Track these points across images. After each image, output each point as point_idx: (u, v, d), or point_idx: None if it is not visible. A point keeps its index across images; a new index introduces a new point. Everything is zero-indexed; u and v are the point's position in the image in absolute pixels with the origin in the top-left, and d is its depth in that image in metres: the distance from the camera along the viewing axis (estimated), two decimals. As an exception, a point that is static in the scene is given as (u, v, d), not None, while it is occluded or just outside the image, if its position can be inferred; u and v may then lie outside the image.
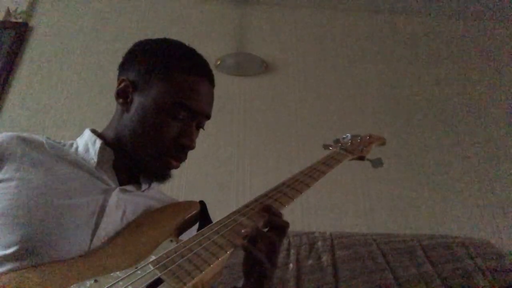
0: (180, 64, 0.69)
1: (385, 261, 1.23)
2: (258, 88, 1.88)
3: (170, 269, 0.50)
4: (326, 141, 0.96)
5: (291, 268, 1.20)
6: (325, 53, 2.02)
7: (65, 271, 0.49)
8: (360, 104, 1.88)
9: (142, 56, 0.71)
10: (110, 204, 0.61)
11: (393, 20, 2.15)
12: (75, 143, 0.71)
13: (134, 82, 0.69)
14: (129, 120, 0.69)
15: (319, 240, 1.31)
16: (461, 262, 1.22)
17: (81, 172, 0.64)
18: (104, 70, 1.83)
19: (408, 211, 1.62)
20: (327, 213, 1.59)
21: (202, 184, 1.61)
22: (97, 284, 0.47)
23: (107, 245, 0.56)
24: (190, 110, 0.68)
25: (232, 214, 0.62)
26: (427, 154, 1.78)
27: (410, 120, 1.86)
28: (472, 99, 1.94)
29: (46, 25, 1.93)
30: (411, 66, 2.02)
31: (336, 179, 1.65)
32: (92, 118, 1.70)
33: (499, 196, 1.67)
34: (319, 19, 2.12)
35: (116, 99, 0.71)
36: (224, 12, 2.07)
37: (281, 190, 0.68)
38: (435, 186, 1.69)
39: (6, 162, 0.59)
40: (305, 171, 0.75)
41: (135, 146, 0.67)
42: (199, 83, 0.70)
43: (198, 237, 0.56)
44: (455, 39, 2.12)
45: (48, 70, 1.82)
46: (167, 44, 0.74)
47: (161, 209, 0.66)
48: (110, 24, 1.97)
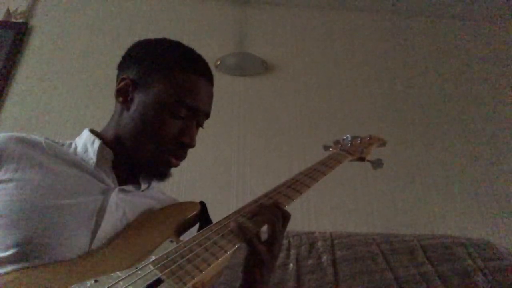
0: (180, 63, 0.70)
1: (385, 261, 1.23)
2: (258, 88, 1.88)
3: (170, 269, 0.50)
4: (326, 142, 0.96)
5: (291, 268, 1.20)
6: (325, 53, 2.02)
7: (65, 271, 0.49)
8: (360, 104, 1.88)
9: (143, 55, 0.71)
10: (110, 204, 0.61)
11: (393, 20, 2.15)
12: (74, 143, 0.71)
13: (134, 80, 0.70)
14: (129, 118, 0.69)
15: (319, 240, 1.30)
16: (461, 262, 1.22)
17: (80, 173, 0.64)
18: (104, 70, 1.83)
19: (408, 211, 1.62)
20: (327, 213, 1.59)
21: (202, 184, 1.61)
22: (97, 284, 0.47)
23: (107, 246, 0.56)
24: (190, 109, 0.69)
25: (232, 215, 0.62)
26: (427, 154, 1.77)
27: (410, 120, 1.86)
28: (473, 100, 1.94)
29: (46, 25, 1.93)
30: (412, 66, 2.02)
31: (336, 179, 1.65)
32: (92, 118, 1.70)
33: (499, 196, 1.67)
34: (319, 19, 2.12)
35: (116, 97, 0.72)
36: (224, 12, 2.07)
37: (281, 190, 0.68)
38: (435, 186, 1.69)
39: (4, 163, 0.59)
40: (305, 171, 0.75)
41: (135, 144, 0.68)
42: (199, 81, 0.70)
43: (198, 237, 0.56)
44: (455, 39, 2.12)
45: (48, 70, 1.82)
46: (167, 43, 0.74)
47: (161, 210, 0.67)
48: (110, 24, 1.97)
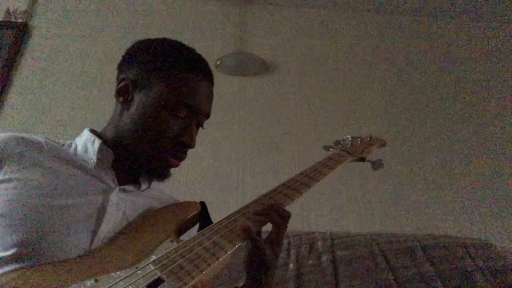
0: (181, 63, 0.70)
1: (385, 261, 1.23)
2: (258, 88, 1.88)
3: (171, 269, 0.50)
4: (327, 142, 0.96)
5: (291, 268, 1.20)
6: (325, 53, 2.02)
7: (65, 271, 0.49)
8: (360, 104, 1.88)
9: (143, 55, 0.71)
10: (110, 204, 0.61)
11: (393, 20, 2.15)
12: (74, 143, 0.71)
13: (134, 81, 0.70)
14: (129, 118, 0.69)
15: (319, 240, 1.30)
16: (461, 262, 1.22)
17: (80, 172, 0.64)
18: (103, 70, 1.83)
19: (408, 211, 1.62)
20: (327, 213, 1.58)
21: (202, 184, 1.61)
22: (97, 284, 0.47)
23: (107, 245, 0.56)
24: (191, 109, 0.69)
25: (232, 215, 0.62)
26: (427, 154, 1.77)
27: (410, 120, 1.86)
28: (473, 100, 1.94)
29: (46, 25, 1.93)
30: (412, 66, 2.02)
31: (337, 180, 1.65)
32: (92, 118, 1.70)
33: (499, 196, 1.67)
34: (319, 19, 2.12)
35: (116, 97, 0.72)
36: (224, 12, 2.07)
37: (282, 190, 0.68)
38: (435, 186, 1.69)
39: (5, 163, 0.59)
40: (306, 172, 0.75)
41: (135, 144, 0.68)
42: (199, 82, 0.70)
43: (198, 237, 0.56)
44: (455, 40, 2.12)
45: (48, 70, 1.82)
46: (167, 43, 0.74)
47: (161, 209, 0.67)
48: (110, 24, 1.97)
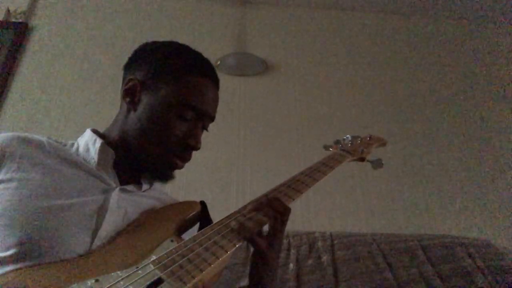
0: (189, 66, 0.71)
1: (385, 261, 1.23)
2: (258, 88, 1.88)
3: (171, 269, 0.50)
4: (327, 142, 0.96)
5: (291, 268, 1.20)
6: (325, 53, 2.02)
7: (66, 270, 0.49)
8: (360, 104, 1.88)
9: (152, 57, 0.72)
10: (111, 204, 0.61)
11: (393, 20, 2.15)
12: (76, 143, 0.71)
13: (143, 81, 0.70)
14: (136, 119, 0.69)
15: (319, 240, 1.30)
16: (461, 262, 1.22)
17: (81, 172, 0.64)
18: (104, 70, 1.83)
19: (408, 211, 1.62)
20: (327, 213, 1.59)
21: (202, 184, 1.61)
22: (98, 283, 0.47)
23: (108, 245, 0.56)
24: (197, 112, 0.70)
25: (232, 214, 0.62)
26: (427, 154, 1.77)
27: (410, 120, 1.86)
28: (473, 99, 1.94)
29: (46, 25, 1.93)
30: (412, 66, 2.02)
31: (336, 179, 1.65)
32: (92, 118, 1.70)
33: (499, 196, 1.67)
34: (319, 19, 2.12)
35: (123, 98, 0.72)
36: (224, 12, 2.07)
37: (282, 190, 0.68)
38: (435, 186, 1.69)
39: (6, 162, 0.59)
40: (306, 171, 0.75)
41: (141, 145, 0.68)
42: (206, 85, 0.72)
43: (198, 237, 0.56)
44: (454, 40, 2.12)
45: (48, 70, 1.82)
46: (175, 46, 0.75)
47: (162, 209, 0.67)
48: (110, 24, 1.97)
